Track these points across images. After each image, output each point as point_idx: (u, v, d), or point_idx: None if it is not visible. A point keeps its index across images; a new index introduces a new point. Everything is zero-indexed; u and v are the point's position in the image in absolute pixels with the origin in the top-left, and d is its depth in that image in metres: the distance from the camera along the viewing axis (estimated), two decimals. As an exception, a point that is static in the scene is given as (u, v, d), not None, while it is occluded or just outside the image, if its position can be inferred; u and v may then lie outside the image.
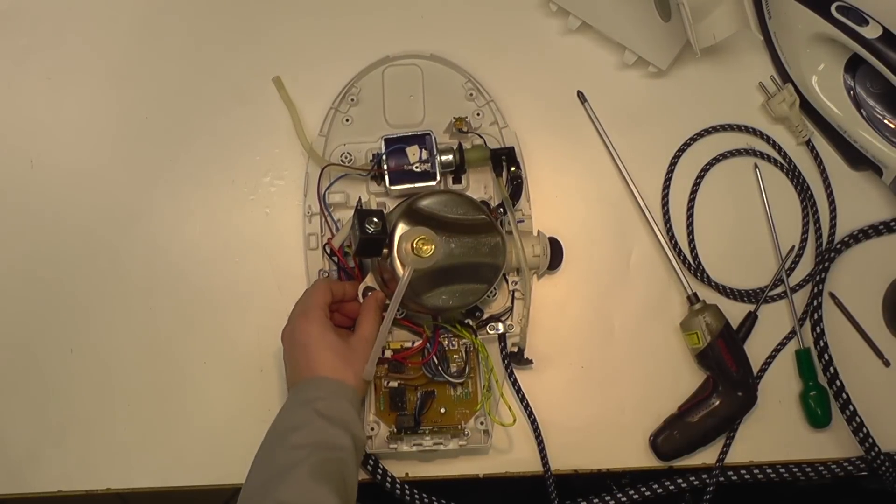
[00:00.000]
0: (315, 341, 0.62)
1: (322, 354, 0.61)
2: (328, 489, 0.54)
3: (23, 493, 0.69)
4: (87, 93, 0.75)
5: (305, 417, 0.59)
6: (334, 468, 0.56)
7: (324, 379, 0.61)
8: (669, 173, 0.74)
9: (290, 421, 0.60)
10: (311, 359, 0.62)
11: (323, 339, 0.62)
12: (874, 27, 0.66)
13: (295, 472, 0.55)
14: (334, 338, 0.62)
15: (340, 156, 0.71)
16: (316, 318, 0.62)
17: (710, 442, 0.70)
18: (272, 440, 0.59)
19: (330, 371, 0.61)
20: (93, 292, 0.72)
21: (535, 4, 0.77)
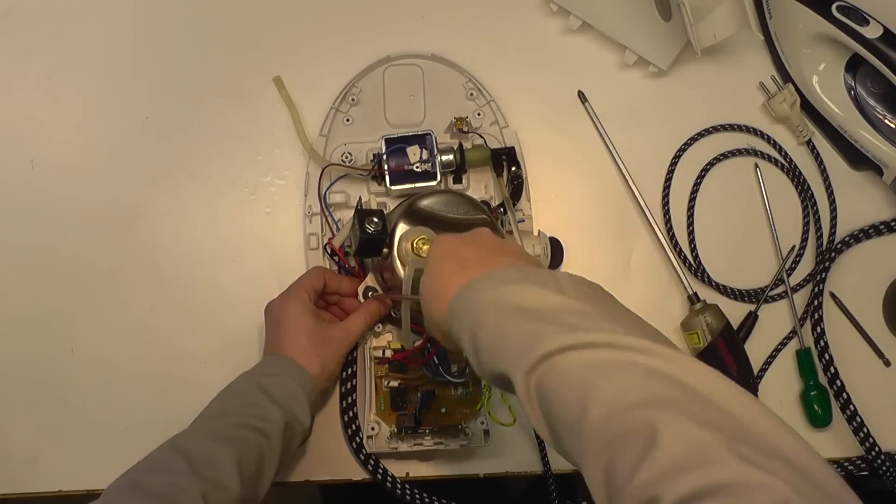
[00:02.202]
0: (290, 320, 0.62)
1: (292, 334, 0.62)
2: (226, 450, 0.55)
3: (23, 493, 0.69)
4: (88, 93, 0.75)
5: (246, 387, 0.60)
6: (248, 436, 0.57)
7: (283, 358, 0.62)
8: (670, 173, 0.74)
9: (232, 386, 0.61)
10: (281, 337, 0.63)
11: (298, 319, 0.62)
12: (875, 27, 0.66)
13: (205, 424, 0.58)
14: (310, 321, 0.62)
15: (341, 156, 0.71)
16: (297, 298, 0.63)
17: (710, 442, 0.69)
18: (213, 400, 0.61)
19: (294, 352, 0.62)
20: (93, 292, 0.71)
21: (536, 4, 0.77)
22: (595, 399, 0.38)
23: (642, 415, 0.36)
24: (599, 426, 0.37)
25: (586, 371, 0.40)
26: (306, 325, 0.62)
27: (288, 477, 0.68)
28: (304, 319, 0.63)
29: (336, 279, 0.67)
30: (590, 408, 0.38)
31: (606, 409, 0.37)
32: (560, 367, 0.41)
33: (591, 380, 0.39)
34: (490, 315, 0.46)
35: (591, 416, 0.38)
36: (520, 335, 0.44)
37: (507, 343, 0.45)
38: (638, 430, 0.35)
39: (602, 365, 0.40)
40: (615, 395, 0.38)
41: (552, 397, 0.41)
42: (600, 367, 0.40)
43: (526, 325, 0.44)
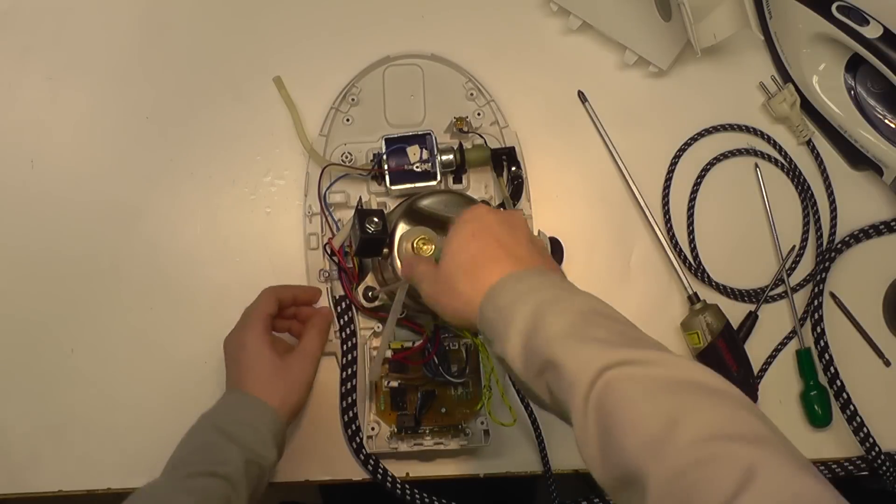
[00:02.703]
0: (247, 354, 0.61)
1: (250, 369, 0.61)
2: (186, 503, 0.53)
3: (23, 493, 0.69)
4: (88, 93, 0.75)
5: (203, 430, 0.59)
6: (207, 484, 0.55)
7: (242, 394, 0.61)
8: (670, 173, 0.74)
9: (191, 431, 0.60)
10: (241, 372, 0.61)
11: (255, 353, 0.61)
12: (875, 27, 0.66)
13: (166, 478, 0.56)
14: (267, 353, 0.61)
15: (341, 156, 0.71)
16: (252, 329, 0.62)
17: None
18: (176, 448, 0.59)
19: (254, 386, 0.60)
20: (93, 292, 0.71)
21: (536, 4, 0.77)
22: (690, 419, 0.39)
23: (741, 449, 0.37)
24: (690, 447, 0.38)
25: (672, 388, 0.41)
26: (264, 358, 0.61)
27: (288, 477, 0.68)
28: (262, 351, 0.61)
29: (288, 292, 0.66)
30: (682, 426, 0.38)
31: (702, 433, 0.38)
32: (640, 378, 0.41)
33: (682, 398, 0.40)
34: (552, 313, 0.46)
35: (681, 434, 0.38)
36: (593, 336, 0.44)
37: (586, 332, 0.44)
38: (734, 461, 0.36)
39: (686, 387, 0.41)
40: (711, 421, 0.39)
41: (626, 405, 0.41)
42: (686, 389, 0.41)
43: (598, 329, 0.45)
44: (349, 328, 0.68)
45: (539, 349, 0.45)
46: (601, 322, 0.46)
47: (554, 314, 0.46)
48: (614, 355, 0.42)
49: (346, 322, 0.68)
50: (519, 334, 0.46)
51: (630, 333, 0.45)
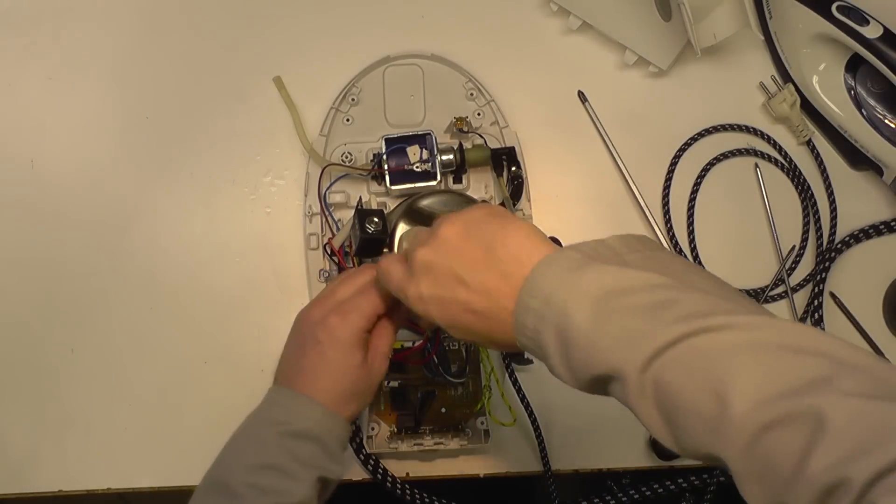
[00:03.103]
0: (337, 353, 0.53)
1: (334, 372, 0.53)
2: None
3: (23, 493, 0.69)
4: (88, 93, 0.75)
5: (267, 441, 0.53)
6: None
7: (314, 405, 0.53)
8: (670, 173, 0.74)
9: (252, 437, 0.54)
10: (320, 371, 0.53)
11: (348, 356, 0.53)
12: (875, 27, 0.66)
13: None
14: (359, 360, 0.54)
15: (341, 155, 0.71)
16: (354, 326, 0.54)
17: (710, 442, 0.69)
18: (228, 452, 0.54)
19: (330, 396, 0.53)
20: (93, 292, 0.71)
21: (536, 4, 0.77)
22: (736, 390, 0.36)
23: (799, 401, 0.34)
24: (747, 418, 0.35)
25: (715, 359, 0.37)
26: (354, 365, 0.53)
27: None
28: (355, 357, 0.53)
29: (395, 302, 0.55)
30: (731, 400, 0.36)
31: (753, 401, 0.35)
32: (683, 358, 0.38)
33: (724, 369, 0.37)
34: (578, 307, 0.41)
35: (734, 409, 0.35)
36: (623, 327, 0.40)
37: (608, 338, 0.40)
38: (798, 417, 0.34)
39: (731, 351, 0.37)
40: (759, 383, 0.36)
41: (676, 391, 0.38)
42: (730, 354, 0.37)
43: (626, 314, 0.40)
44: (349, 328, 0.68)
45: (578, 369, 0.42)
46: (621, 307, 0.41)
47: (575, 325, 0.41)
48: (646, 349, 0.39)
49: (346, 322, 0.68)
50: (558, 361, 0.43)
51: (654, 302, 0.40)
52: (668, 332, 0.39)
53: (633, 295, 0.41)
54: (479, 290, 0.45)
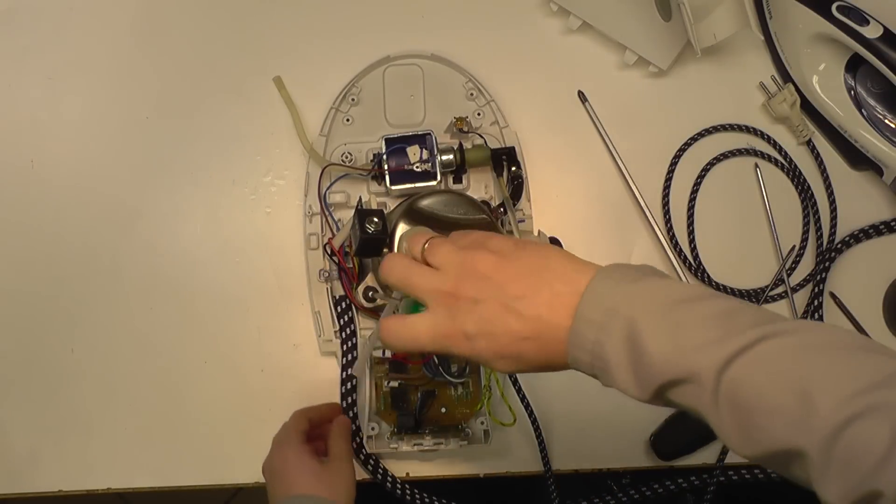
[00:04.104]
0: (291, 465, 0.61)
1: (298, 476, 0.60)
2: None
3: (23, 493, 0.69)
4: (88, 93, 0.75)
5: None
6: None
7: (299, 496, 0.59)
8: (670, 173, 0.74)
9: None
10: (288, 481, 0.60)
11: (299, 461, 0.60)
12: (875, 27, 0.66)
13: None
14: (310, 460, 0.61)
15: (341, 156, 0.71)
16: (291, 443, 0.62)
17: (710, 442, 0.69)
18: None
19: (305, 487, 0.60)
20: (93, 292, 0.71)
21: (536, 4, 0.77)
22: (819, 386, 0.38)
23: (881, 394, 0.37)
24: (833, 412, 0.37)
25: (794, 359, 0.40)
26: (308, 464, 0.60)
27: (288, 477, 0.68)
28: (305, 459, 0.61)
29: (316, 411, 0.65)
30: (815, 396, 0.38)
31: (838, 396, 0.37)
32: (760, 360, 0.40)
33: (805, 368, 0.39)
34: (648, 315, 0.42)
35: (819, 403, 0.37)
36: (696, 333, 0.42)
37: (682, 344, 0.41)
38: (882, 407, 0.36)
39: (807, 351, 0.40)
40: (840, 379, 0.38)
41: (756, 390, 0.39)
42: (807, 354, 0.40)
43: (697, 321, 0.42)
44: (349, 328, 0.68)
45: (649, 378, 0.42)
46: (690, 316, 0.42)
47: (647, 334, 0.42)
48: (721, 353, 0.40)
49: (346, 322, 0.68)
50: (623, 370, 0.43)
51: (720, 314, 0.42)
52: (742, 337, 0.40)
53: (700, 303, 0.43)
54: (531, 316, 0.45)
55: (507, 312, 0.46)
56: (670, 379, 0.42)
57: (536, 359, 0.46)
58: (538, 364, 0.47)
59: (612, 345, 0.43)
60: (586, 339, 0.44)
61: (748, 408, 0.40)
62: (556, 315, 0.45)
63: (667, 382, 0.42)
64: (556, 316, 0.45)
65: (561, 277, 0.46)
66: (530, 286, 0.46)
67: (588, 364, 0.45)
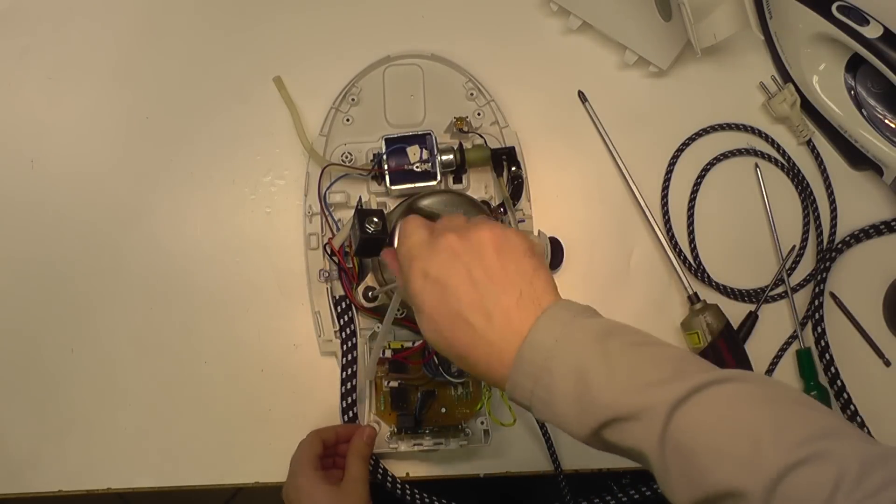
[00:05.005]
0: (304, 494, 0.61)
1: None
2: None
3: (23, 493, 0.69)
4: (88, 93, 0.75)
5: None
6: None
7: None
8: (669, 173, 0.74)
9: None
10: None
11: (311, 490, 0.61)
12: (875, 27, 0.66)
13: None
14: (325, 488, 0.61)
15: (341, 155, 0.71)
16: (303, 473, 0.62)
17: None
18: None
19: None
20: (93, 292, 0.71)
21: (536, 4, 0.77)
22: (766, 433, 0.40)
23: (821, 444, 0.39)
24: (778, 457, 0.39)
25: (743, 406, 0.42)
26: (321, 492, 0.61)
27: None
28: (317, 487, 0.61)
29: (330, 432, 0.65)
30: (763, 441, 0.40)
31: (784, 442, 0.39)
32: (711, 403, 0.41)
33: (754, 415, 0.41)
34: (601, 350, 0.43)
35: (766, 449, 0.39)
36: (653, 370, 0.43)
37: (638, 379, 0.42)
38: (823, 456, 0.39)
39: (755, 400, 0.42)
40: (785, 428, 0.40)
41: (705, 432, 0.41)
42: (755, 402, 0.42)
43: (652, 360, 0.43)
44: (349, 328, 0.68)
45: (594, 413, 0.43)
46: (644, 356, 0.44)
47: (597, 368, 0.43)
48: (674, 392, 0.41)
49: (346, 322, 0.68)
50: (567, 404, 0.44)
51: (673, 357, 0.44)
52: (695, 378, 0.42)
53: (652, 346, 0.45)
54: (486, 306, 0.45)
55: (470, 283, 0.45)
56: (615, 415, 0.42)
57: (464, 352, 0.46)
58: (463, 360, 0.46)
59: (560, 375, 0.43)
60: (533, 364, 0.44)
61: (694, 448, 0.41)
62: (507, 328, 0.45)
63: (610, 419, 0.43)
64: (505, 328, 0.45)
65: (532, 295, 0.45)
66: (505, 282, 0.46)
67: (527, 392, 0.44)
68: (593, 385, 0.43)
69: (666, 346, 0.45)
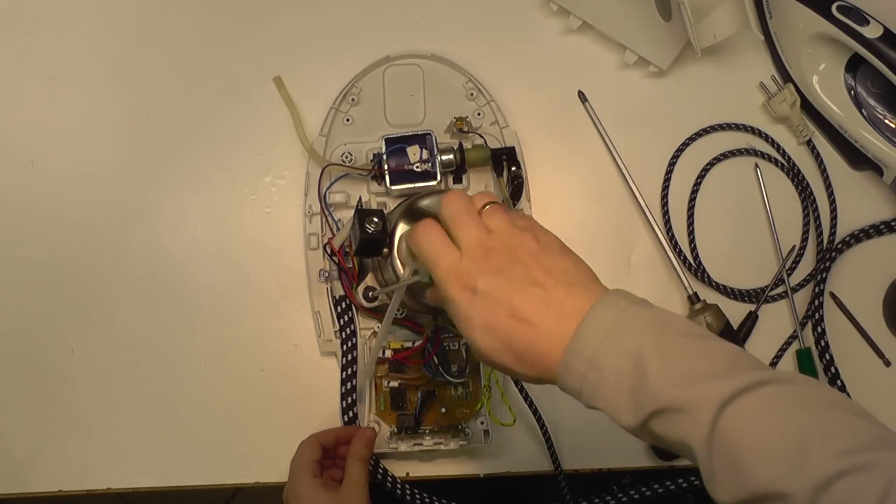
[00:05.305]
0: (303, 501, 0.61)
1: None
2: None
3: (23, 493, 0.69)
4: (88, 92, 0.75)
5: None
6: None
7: None
8: (669, 173, 0.74)
9: None
10: None
11: (309, 496, 0.61)
12: (875, 27, 0.66)
13: None
14: (322, 494, 0.61)
15: (341, 155, 0.71)
16: (301, 478, 0.62)
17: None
18: None
19: None
20: (93, 292, 0.71)
21: (536, 4, 0.77)
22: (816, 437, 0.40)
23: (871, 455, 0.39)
24: (826, 463, 0.39)
25: (794, 407, 0.41)
26: (318, 499, 0.61)
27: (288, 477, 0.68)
28: (315, 495, 0.61)
29: (329, 435, 0.65)
30: (812, 445, 0.39)
31: (833, 448, 0.39)
32: (763, 402, 0.41)
33: (804, 417, 0.41)
34: (657, 337, 0.43)
35: (815, 453, 0.39)
36: (707, 363, 0.43)
37: (692, 371, 0.42)
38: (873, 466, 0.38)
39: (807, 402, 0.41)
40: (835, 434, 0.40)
41: (754, 431, 0.41)
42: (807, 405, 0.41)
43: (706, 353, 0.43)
44: (349, 328, 0.68)
45: (646, 400, 0.43)
46: (698, 349, 0.44)
47: (651, 356, 0.43)
48: (726, 388, 0.41)
49: (346, 322, 0.68)
50: (619, 389, 0.44)
51: (727, 353, 0.44)
52: (747, 376, 0.42)
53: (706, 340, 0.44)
54: (539, 304, 0.46)
55: (520, 291, 0.46)
56: (665, 405, 0.42)
57: (525, 350, 0.46)
58: (521, 358, 0.46)
59: (615, 359, 0.43)
60: (587, 346, 0.44)
61: (741, 445, 0.40)
62: (562, 315, 0.45)
63: (661, 409, 0.42)
64: (561, 315, 0.45)
65: (579, 287, 0.47)
66: (552, 281, 0.47)
67: (580, 375, 0.45)
68: (647, 373, 0.43)
69: (721, 342, 0.45)
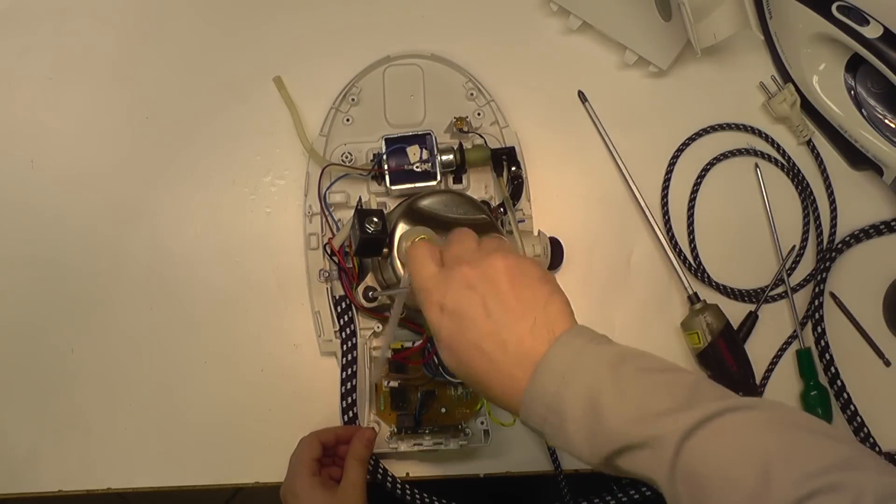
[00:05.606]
0: (301, 500, 0.61)
1: None
2: None
3: (23, 493, 0.69)
4: (88, 92, 0.75)
5: None
6: None
7: None
8: (669, 173, 0.74)
9: None
10: None
11: (307, 496, 0.61)
12: (875, 27, 0.66)
13: None
14: (319, 494, 0.61)
15: (341, 155, 0.71)
16: (299, 476, 0.62)
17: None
18: None
19: None
20: (93, 292, 0.71)
21: (536, 4, 0.77)
22: (778, 464, 0.39)
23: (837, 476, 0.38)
24: (790, 490, 0.38)
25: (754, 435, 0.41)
26: (316, 499, 0.61)
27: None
28: (312, 494, 0.61)
29: (329, 434, 0.65)
30: (775, 472, 0.38)
31: (796, 474, 0.38)
32: (722, 432, 0.41)
33: (765, 444, 0.40)
34: (613, 376, 0.43)
35: (777, 481, 0.38)
36: (666, 398, 0.42)
37: (650, 407, 0.42)
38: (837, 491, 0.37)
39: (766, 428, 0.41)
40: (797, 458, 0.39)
41: (715, 462, 0.40)
42: (766, 431, 0.41)
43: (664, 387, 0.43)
44: (349, 328, 0.68)
45: (604, 441, 0.43)
46: (657, 383, 0.44)
47: (608, 395, 0.43)
48: (686, 420, 0.41)
49: (346, 322, 0.68)
50: (578, 431, 0.43)
51: (688, 384, 0.43)
52: (707, 407, 0.41)
53: (665, 373, 0.44)
54: (501, 335, 0.46)
55: (485, 313, 0.46)
56: (626, 444, 0.42)
57: (486, 383, 0.46)
58: (483, 388, 0.47)
59: (572, 402, 0.43)
60: (545, 391, 0.44)
61: (704, 477, 0.40)
62: (521, 356, 0.45)
63: (622, 447, 0.42)
64: (519, 356, 0.45)
65: (543, 325, 0.46)
66: (520, 312, 0.46)
67: (540, 418, 0.45)
68: (604, 412, 0.42)
69: (681, 372, 0.44)
